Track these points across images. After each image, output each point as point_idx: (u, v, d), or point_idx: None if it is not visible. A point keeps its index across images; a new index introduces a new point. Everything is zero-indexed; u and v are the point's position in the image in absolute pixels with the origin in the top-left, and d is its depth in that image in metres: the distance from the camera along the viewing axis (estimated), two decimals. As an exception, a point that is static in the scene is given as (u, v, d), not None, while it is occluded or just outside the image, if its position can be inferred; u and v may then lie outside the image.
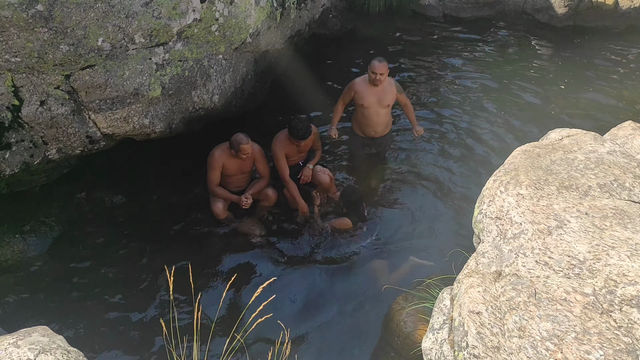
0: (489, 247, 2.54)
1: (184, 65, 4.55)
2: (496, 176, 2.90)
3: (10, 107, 3.87)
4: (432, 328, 2.47)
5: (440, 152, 6.07)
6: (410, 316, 3.61)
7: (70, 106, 4.07)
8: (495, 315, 2.10)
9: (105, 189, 5.23)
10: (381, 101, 5.17)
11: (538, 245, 2.29)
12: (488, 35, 8.89)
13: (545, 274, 2.15)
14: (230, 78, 5.17)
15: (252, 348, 3.77)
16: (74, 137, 4.25)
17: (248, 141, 4.70)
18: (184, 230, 5.00)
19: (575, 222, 2.33)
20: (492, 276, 2.33)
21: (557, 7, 8.81)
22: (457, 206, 5.28)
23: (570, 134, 3.30)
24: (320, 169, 5.19)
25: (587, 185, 2.60)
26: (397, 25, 9.11)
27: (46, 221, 4.76)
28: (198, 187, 5.30)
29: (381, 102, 5.18)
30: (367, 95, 5.14)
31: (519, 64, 7.94)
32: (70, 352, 2.24)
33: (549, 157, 2.96)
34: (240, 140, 4.68)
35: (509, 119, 6.60)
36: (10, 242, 4.50)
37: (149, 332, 4.05)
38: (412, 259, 4.62)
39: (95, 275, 4.53)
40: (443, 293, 2.65)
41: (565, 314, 1.95)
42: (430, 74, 7.67)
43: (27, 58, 3.69)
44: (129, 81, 4.16)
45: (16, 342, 2.23)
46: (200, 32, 4.52)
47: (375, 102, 5.17)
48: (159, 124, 4.58)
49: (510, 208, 2.57)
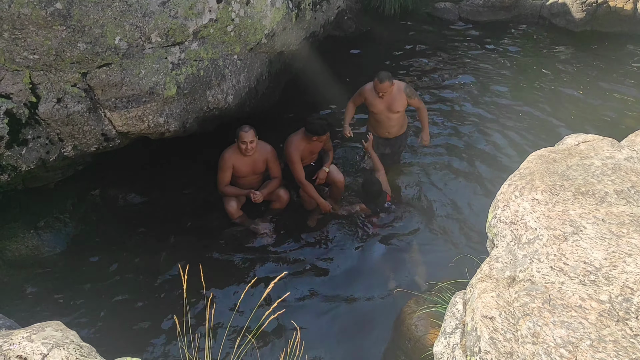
0: (502, 252, 2.52)
1: (199, 65, 4.58)
2: (511, 181, 2.87)
3: (28, 103, 3.92)
4: (444, 332, 2.46)
5: (454, 155, 6.03)
6: (421, 320, 3.60)
7: (87, 104, 4.11)
8: (508, 321, 2.08)
9: (120, 187, 5.27)
10: (391, 108, 5.27)
11: (553, 251, 2.27)
12: (504, 39, 8.84)
13: (560, 280, 2.13)
14: (244, 78, 5.19)
15: (263, 346, 3.77)
16: (89, 135, 4.29)
17: (249, 130, 4.69)
18: (197, 229, 5.02)
19: (592, 228, 2.30)
20: (505, 281, 2.31)
21: (574, 12, 8.74)
22: (469, 210, 5.25)
23: (587, 139, 3.26)
24: (335, 168, 5.21)
25: (603, 192, 2.57)
26: (412, 28, 9.09)
27: (60, 217, 4.81)
28: (211, 185, 5.32)
29: (391, 109, 5.28)
30: (376, 103, 5.26)
31: (535, 68, 7.88)
32: (83, 347, 2.26)
33: (565, 163, 2.93)
34: (241, 128, 4.72)
35: (524, 124, 6.55)
36: (25, 237, 4.55)
37: (161, 328, 4.08)
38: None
39: (108, 272, 4.57)
40: (456, 297, 2.63)
41: (580, 321, 1.93)
42: (445, 77, 7.64)
43: (45, 55, 3.74)
44: (144, 80, 4.19)
45: (30, 336, 2.25)
46: (216, 32, 4.54)
47: (384, 109, 5.29)
48: (173, 123, 4.61)
49: (525, 213, 2.55)
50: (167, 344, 3.94)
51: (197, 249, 4.77)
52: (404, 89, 5.22)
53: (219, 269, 4.59)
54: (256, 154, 4.85)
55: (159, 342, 3.99)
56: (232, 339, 3.71)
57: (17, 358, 2.10)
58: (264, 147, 4.92)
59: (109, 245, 4.80)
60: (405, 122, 5.56)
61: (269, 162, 4.98)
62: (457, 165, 5.87)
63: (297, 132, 5.00)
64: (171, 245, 4.81)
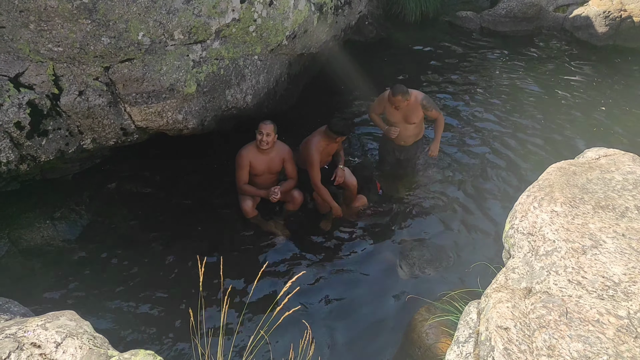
0: (519, 263, 2.50)
1: (220, 64, 4.60)
2: (530, 192, 2.85)
3: (50, 95, 3.97)
4: (457, 341, 2.44)
5: (471, 164, 6.00)
6: (432, 328, 3.57)
7: (108, 98, 4.15)
8: (523, 332, 2.06)
9: (136, 181, 5.31)
10: (407, 119, 5.29)
11: (571, 264, 2.24)
12: (525, 50, 8.79)
13: (577, 294, 2.11)
14: (264, 79, 5.22)
15: (275, 344, 3.77)
16: (108, 128, 4.33)
17: (269, 124, 4.72)
18: (212, 226, 5.03)
19: (612, 242, 2.28)
20: (521, 292, 2.29)
21: (597, 26, 8.67)
22: (484, 220, 5.22)
23: (608, 153, 3.23)
24: (349, 171, 5.21)
25: (624, 207, 2.54)
26: (432, 36, 9.08)
27: (76, 209, 4.85)
28: (226, 184, 5.34)
29: (407, 120, 5.30)
30: (393, 113, 5.29)
31: (555, 81, 7.83)
32: (96, 338, 2.28)
33: (585, 176, 2.90)
34: (263, 121, 4.75)
35: (543, 136, 6.50)
36: (41, 227, 4.59)
37: (175, 322, 4.10)
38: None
39: (123, 264, 4.60)
40: (470, 306, 2.61)
41: (598, 335, 1.90)
42: (463, 86, 7.62)
43: (69, 48, 3.78)
44: (165, 76, 4.23)
45: (44, 324, 2.27)
46: (238, 32, 4.57)
47: (401, 119, 5.32)
48: (192, 120, 4.64)
49: (544, 224, 2.52)
50: (181, 338, 3.94)
51: (211, 246, 4.79)
52: (422, 100, 5.18)
53: (232, 266, 4.59)
54: (273, 152, 4.86)
55: (172, 335, 4.00)
56: (244, 335, 3.72)
57: (31, 345, 2.12)
58: (282, 146, 4.93)
59: (123, 238, 4.83)
60: (421, 131, 5.55)
61: (285, 162, 4.98)
62: (473, 174, 5.84)
63: (314, 134, 4.99)
64: (185, 241, 4.82)
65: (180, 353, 3.83)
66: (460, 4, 10.13)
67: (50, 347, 2.12)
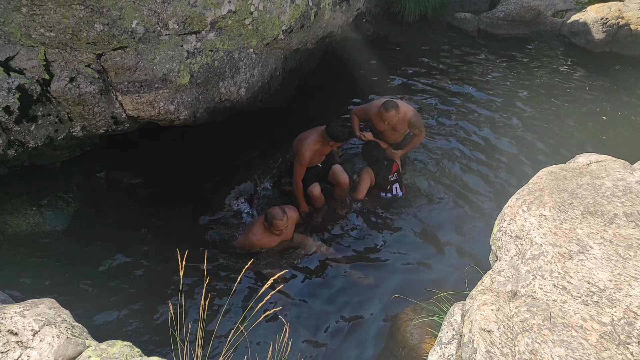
0: (505, 266, 2.49)
1: (215, 56, 4.57)
2: (519, 195, 2.84)
3: (40, 80, 3.92)
4: (440, 342, 2.43)
5: (461, 168, 5.96)
6: (417, 328, 3.56)
7: (99, 85, 4.10)
8: (506, 336, 2.05)
9: (125, 171, 5.27)
10: (395, 128, 5.41)
11: (557, 269, 2.23)
12: (521, 54, 8.76)
13: (562, 299, 2.10)
14: (258, 73, 5.18)
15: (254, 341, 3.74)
16: (99, 117, 4.29)
17: (283, 217, 4.32)
18: (201, 219, 5.00)
19: (598, 248, 2.27)
20: (506, 295, 2.28)
21: (594, 32, 8.66)
22: (472, 222, 5.19)
23: (599, 159, 3.22)
24: (340, 169, 5.20)
25: (612, 213, 2.54)
26: (430, 36, 9.05)
27: (64, 197, 4.81)
28: (217, 176, 5.31)
29: (395, 129, 5.42)
30: (380, 125, 5.38)
31: (550, 86, 7.82)
32: (75, 328, 2.24)
33: (575, 181, 2.89)
34: (275, 214, 4.31)
35: (536, 141, 6.48)
36: (27, 214, 4.55)
37: (155, 315, 4.07)
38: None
39: (107, 255, 4.56)
40: (454, 308, 2.60)
41: (581, 341, 1.89)
42: (458, 89, 7.59)
43: (61, 34, 3.74)
44: (158, 66, 4.19)
45: (22, 311, 2.24)
46: (234, 24, 4.53)
47: (389, 128, 5.42)
48: (184, 112, 4.60)
49: (532, 228, 2.51)
50: (160, 330, 3.91)
51: (199, 239, 4.76)
52: (411, 117, 5.28)
53: (218, 260, 4.57)
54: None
55: (151, 328, 3.97)
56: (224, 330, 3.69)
57: (7, 332, 2.09)
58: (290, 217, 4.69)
59: (109, 228, 4.79)
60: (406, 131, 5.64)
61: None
62: (467, 178, 5.79)
63: (311, 132, 4.98)
64: (172, 233, 4.79)
65: (159, 345, 3.79)
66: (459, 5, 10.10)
67: (28, 335, 2.09)
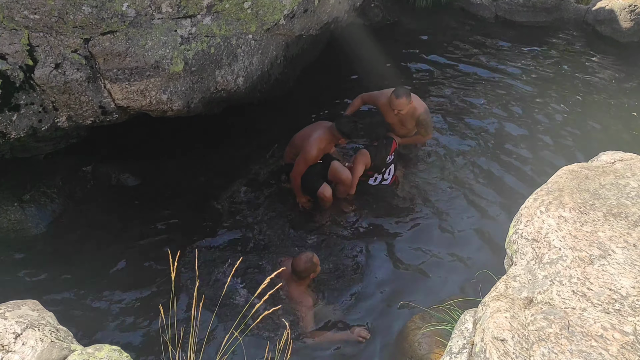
0: (521, 271, 2.50)
1: (211, 42, 4.57)
2: (537, 195, 2.85)
3: (24, 66, 3.93)
4: (451, 351, 2.44)
5: (475, 166, 5.97)
6: (426, 337, 3.58)
7: (86, 72, 4.12)
8: (521, 345, 2.06)
9: (113, 165, 5.30)
10: (403, 123, 5.48)
11: (577, 274, 2.25)
12: (542, 44, 8.77)
13: (581, 306, 2.11)
14: (258, 60, 5.18)
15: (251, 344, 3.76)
16: (86, 106, 4.30)
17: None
18: (190, 216, 5.03)
19: (621, 253, 2.28)
20: (522, 302, 2.29)
21: (621, 20, 8.66)
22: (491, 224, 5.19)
23: (624, 158, 3.23)
24: (341, 165, 5.23)
25: (637, 215, 2.55)
26: (443, 23, 9.05)
27: (48, 192, 4.83)
28: (209, 170, 5.33)
29: (403, 124, 5.50)
30: (389, 115, 5.42)
31: (574, 78, 7.82)
32: (59, 331, 2.27)
33: (598, 181, 2.90)
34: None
35: (557, 138, 6.49)
36: (8, 210, 4.57)
37: (145, 318, 4.09)
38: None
39: (93, 254, 4.59)
40: (466, 315, 2.61)
41: (600, 351, 1.90)
42: (473, 78, 7.59)
43: (46, 16, 3.75)
44: (150, 52, 4.19)
45: (4, 313, 2.26)
46: (232, 7, 4.53)
47: (397, 122, 5.50)
48: (177, 102, 4.61)
49: (550, 230, 2.52)
50: (149, 334, 3.94)
51: (190, 238, 4.79)
52: (420, 115, 5.33)
53: (210, 260, 4.59)
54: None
55: (141, 332, 4.00)
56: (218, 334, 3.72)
57: (-12, 335, 2.11)
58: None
59: (95, 226, 4.82)
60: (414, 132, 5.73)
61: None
62: (480, 177, 5.80)
63: (314, 128, 5.03)
64: (162, 231, 4.82)
65: (148, 350, 3.81)
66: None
67: (9, 337, 2.11)
